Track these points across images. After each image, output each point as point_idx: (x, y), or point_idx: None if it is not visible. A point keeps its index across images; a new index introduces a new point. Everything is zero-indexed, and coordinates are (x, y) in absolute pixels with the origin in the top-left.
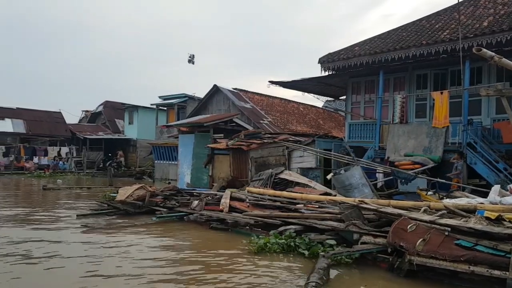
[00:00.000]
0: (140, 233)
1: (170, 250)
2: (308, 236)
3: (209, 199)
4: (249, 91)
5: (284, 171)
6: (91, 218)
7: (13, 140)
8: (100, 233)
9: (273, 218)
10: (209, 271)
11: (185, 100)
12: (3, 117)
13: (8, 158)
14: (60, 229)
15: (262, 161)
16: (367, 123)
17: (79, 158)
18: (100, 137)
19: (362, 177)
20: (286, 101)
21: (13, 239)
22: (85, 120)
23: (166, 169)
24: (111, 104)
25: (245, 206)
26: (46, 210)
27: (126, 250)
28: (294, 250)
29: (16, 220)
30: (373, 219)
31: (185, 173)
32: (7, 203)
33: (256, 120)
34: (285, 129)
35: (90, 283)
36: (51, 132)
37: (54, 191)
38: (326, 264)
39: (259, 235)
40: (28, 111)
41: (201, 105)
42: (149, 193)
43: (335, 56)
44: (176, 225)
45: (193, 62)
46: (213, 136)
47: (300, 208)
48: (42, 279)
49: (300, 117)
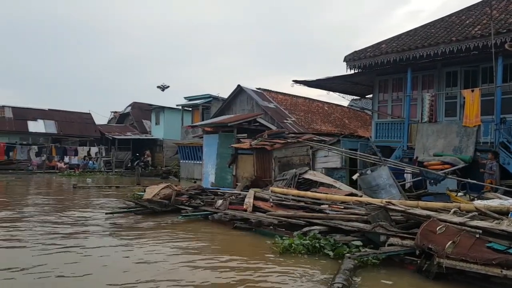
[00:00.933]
0: (166, 231)
1: (194, 248)
2: (333, 237)
3: (233, 199)
4: (272, 91)
5: (308, 171)
6: (120, 216)
7: (45, 140)
8: (128, 231)
9: (297, 218)
10: (233, 271)
11: (210, 101)
12: (36, 118)
13: (40, 158)
14: (89, 226)
15: (285, 161)
16: (395, 122)
17: (108, 157)
18: (128, 137)
19: (389, 178)
20: (311, 100)
21: (45, 235)
22: (114, 121)
23: (191, 169)
24: (138, 105)
25: (269, 206)
26: (76, 208)
27: (152, 248)
28: (319, 251)
29: (48, 217)
30: (400, 221)
31: (210, 173)
32: (40, 201)
33: (279, 119)
34: (309, 128)
35: (117, 278)
36: (81, 132)
37: (84, 189)
38: (352, 265)
39: (283, 236)
40: (59, 112)
41: (225, 105)
42: (175, 192)
43: (361, 54)
44: (201, 224)
45: (163, 90)
46: (236, 136)
47: (325, 208)
48: (72, 271)
49: (325, 116)
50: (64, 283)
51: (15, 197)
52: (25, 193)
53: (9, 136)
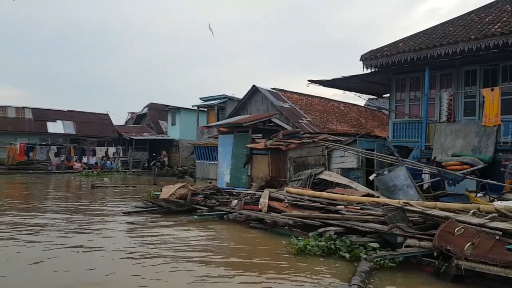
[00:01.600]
0: (181, 231)
1: (209, 248)
2: (349, 238)
3: (248, 199)
4: (287, 91)
5: (323, 171)
6: (137, 215)
7: (64, 141)
8: (145, 229)
9: (312, 219)
10: (248, 271)
11: (225, 101)
12: (55, 119)
13: (59, 158)
14: (107, 224)
15: (301, 161)
16: (412, 122)
17: (125, 158)
18: (145, 137)
19: (407, 178)
20: (326, 100)
21: (64, 232)
22: (131, 122)
23: (207, 169)
24: (155, 106)
25: (284, 206)
26: (94, 206)
27: (168, 246)
28: (335, 253)
29: (67, 215)
30: (418, 222)
31: (225, 173)
32: (59, 200)
33: (295, 119)
34: (325, 128)
35: (129, 275)
36: (99, 133)
37: (101, 189)
38: (368, 267)
39: (298, 236)
40: (78, 113)
41: (240, 106)
42: (191, 192)
43: (378, 53)
44: (216, 223)
45: (212, 32)
46: (251, 136)
47: (341, 209)
48: (88, 266)
49: (341, 116)
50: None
51: (36, 196)
52: (45, 192)
53: (29, 137)
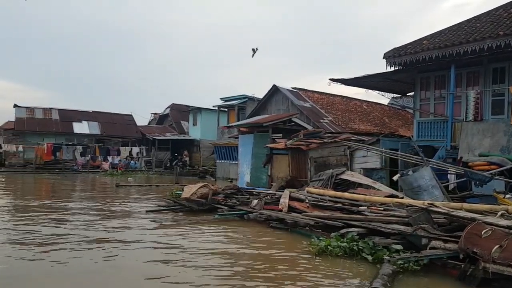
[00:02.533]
0: (203, 229)
1: (230, 248)
2: (372, 239)
3: (268, 199)
4: (308, 90)
5: (345, 171)
6: (159, 213)
7: (89, 141)
8: (167, 228)
9: (334, 219)
10: (269, 271)
11: (245, 101)
12: (81, 120)
13: (84, 158)
14: (131, 222)
15: (322, 161)
16: (438, 121)
17: (148, 157)
18: (167, 138)
19: (432, 179)
20: (348, 99)
21: (89, 229)
22: (154, 122)
23: (227, 169)
24: (177, 107)
25: (305, 207)
26: (119, 205)
27: (189, 245)
28: (357, 254)
29: (92, 213)
30: (443, 223)
31: (245, 173)
32: (85, 199)
33: (315, 119)
34: (347, 128)
35: (155, 271)
36: (123, 133)
37: (126, 188)
38: (391, 270)
39: (319, 237)
40: (103, 114)
41: (260, 106)
42: (212, 192)
43: (401, 50)
44: (237, 223)
45: (254, 53)
46: (271, 136)
47: (363, 210)
48: (114, 263)
49: (364, 115)
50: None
51: (63, 194)
52: (72, 190)
53: (56, 137)
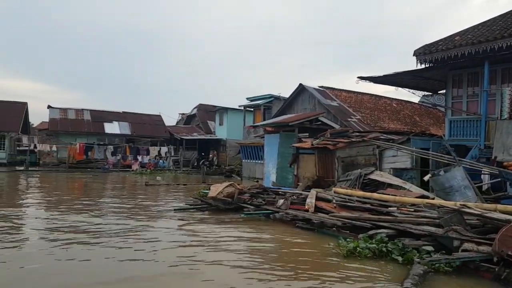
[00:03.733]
0: (230, 228)
1: (256, 247)
2: (402, 241)
3: (294, 199)
4: (335, 89)
5: (374, 171)
6: (187, 212)
7: (120, 141)
8: (195, 226)
9: (362, 220)
10: (296, 272)
11: (271, 101)
12: (112, 120)
13: (115, 157)
14: (159, 220)
15: (350, 160)
16: (471, 120)
17: (176, 157)
18: (195, 137)
19: (464, 179)
20: (377, 97)
21: (120, 226)
22: (182, 122)
23: (253, 168)
24: (204, 107)
25: (332, 207)
26: (148, 203)
27: (216, 244)
28: (386, 256)
29: (122, 211)
30: (476, 225)
31: (271, 172)
32: (116, 196)
33: (343, 118)
34: (375, 127)
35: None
36: (152, 133)
37: (154, 187)
38: (421, 271)
39: (347, 238)
40: (133, 115)
41: (286, 105)
42: (238, 191)
43: (432, 47)
44: (263, 222)
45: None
46: (298, 135)
47: (393, 211)
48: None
49: (393, 113)
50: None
51: (95, 192)
52: (103, 189)
53: (88, 137)
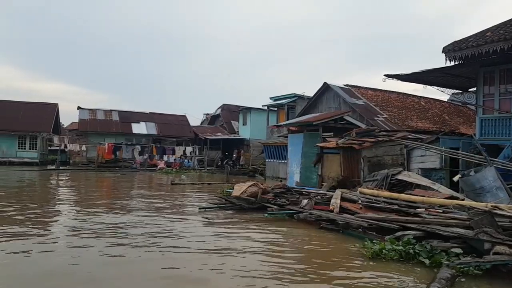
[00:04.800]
0: (252, 228)
1: (280, 247)
2: (430, 243)
3: (318, 199)
4: (361, 87)
5: (402, 171)
6: (211, 211)
7: (146, 141)
8: (219, 224)
9: (389, 221)
10: (320, 273)
11: (295, 100)
12: (139, 121)
13: (142, 157)
14: (185, 218)
15: (376, 160)
16: (503, 118)
17: (201, 156)
18: (219, 137)
19: (496, 180)
20: (405, 95)
21: (145, 224)
22: (206, 122)
23: (276, 168)
24: (227, 107)
25: (357, 208)
26: (174, 201)
27: (240, 242)
28: (414, 258)
29: (149, 209)
30: (509, 227)
31: (295, 172)
32: (144, 194)
33: (369, 117)
34: (403, 126)
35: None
36: (178, 133)
37: (180, 185)
38: (449, 274)
39: (373, 239)
40: (159, 115)
41: (310, 104)
42: (261, 190)
43: (462, 44)
44: (286, 222)
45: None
46: (322, 135)
47: (421, 212)
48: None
49: (421, 112)
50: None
51: (124, 191)
52: (131, 187)
53: (116, 137)
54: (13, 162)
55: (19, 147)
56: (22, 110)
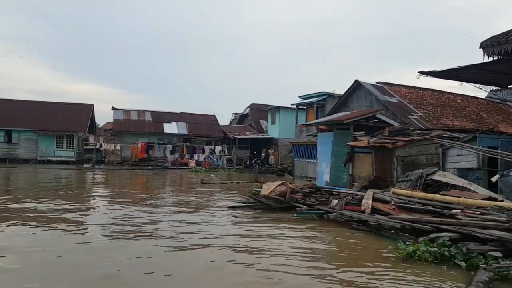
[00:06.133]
0: (281, 227)
1: (311, 247)
2: (466, 245)
3: (349, 199)
4: (394, 84)
5: (437, 171)
6: (239, 209)
7: (177, 140)
8: (248, 223)
9: (423, 223)
10: (351, 275)
11: (324, 98)
12: (170, 121)
13: (173, 156)
14: (214, 217)
15: (410, 160)
16: None
17: (230, 155)
18: (247, 137)
19: None
20: (440, 92)
21: (176, 222)
22: (235, 122)
23: (305, 167)
24: (256, 107)
25: (390, 209)
26: (204, 199)
27: (268, 241)
28: (449, 261)
29: (180, 206)
30: None
31: (324, 172)
32: (175, 192)
33: (403, 115)
34: (438, 124)
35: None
36: (207, 133)
37: (209, 184)
38: (487, 277)
39: (406, 241)
40: (190, 115)
41: (340, 102)
42: (290, 190)
43: (501, 38)
44: (315, 222)
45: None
46: (353, 133)
47: (457, 213)
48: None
49: (458, 110)
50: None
51: (156, 189)
52: (163, 185)
53: (149, 137)
54: (51, 160)
55: (57, 146)
56: (59, 111)
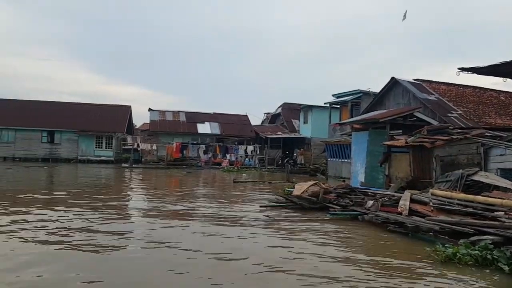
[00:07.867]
0: (314, 228)
1: (343, 250)
2: (510, 249)
3: (385, 200)
4: (433, 81)
5: (478, 172)
6: (272, 209)
7: (210, 140)
8: (280, 223)
9: (463, 225)
10: (388, 277)
11: (359, 96)
12: (203, 121)
13: (207, 155)
14: (246, 216)
15: (449, 160)
16: None
17: (261, 155)
18: (279, 136)
19: None
20: (482, 90)
21: (209, 220)
22: (266, 121)
23: (339, 167)
24: (288, 106)
25: (428, 210)
26: (236, 199)
27: (300, 245)
28: (491, 264)
29: (215, 204)
30: None
31: (359, 172)
32: (209, 191)
33: (442, 113)
34: (480, 122)
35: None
36: (239, 133)
37: (242, 184)
38: None
39: (445, 244)
40: (222, 115)
41: (376, 101)
42: (323, 190)
43: None
44: (350, 223)
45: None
46: (390, 132)
47: (500, 216)
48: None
49: (501, 108)
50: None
51: (192, 187)
52: (197, 184)
53: (183, 137)
54: (91, 160)
55: (97, 146)
56: (99, 112)
